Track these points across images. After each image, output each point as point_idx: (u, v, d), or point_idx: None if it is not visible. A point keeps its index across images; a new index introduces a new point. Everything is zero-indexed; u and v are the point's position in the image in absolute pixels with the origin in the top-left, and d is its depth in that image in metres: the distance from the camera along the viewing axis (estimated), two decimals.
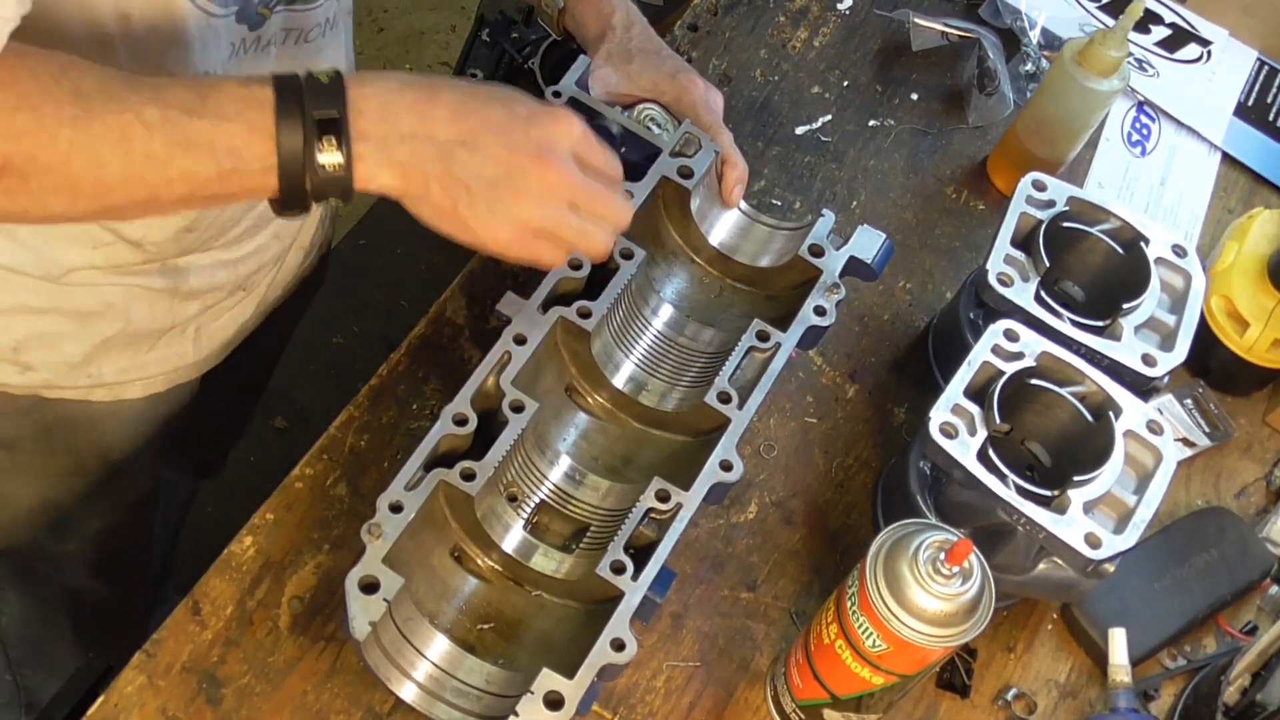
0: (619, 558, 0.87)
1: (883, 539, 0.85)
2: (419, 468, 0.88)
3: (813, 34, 1.37)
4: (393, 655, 0.84)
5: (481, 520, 0.90)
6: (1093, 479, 0.93)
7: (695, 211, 1.04)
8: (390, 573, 0.83)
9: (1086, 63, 1.18)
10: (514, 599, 0.92)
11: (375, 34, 2.59)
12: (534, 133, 0.80)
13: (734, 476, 0.91)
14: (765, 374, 0.96)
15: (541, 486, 0.94)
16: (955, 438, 0.93)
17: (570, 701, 0.81)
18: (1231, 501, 1.16)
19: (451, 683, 0.86)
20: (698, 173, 1.03)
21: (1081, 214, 1.08)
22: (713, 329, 1.04)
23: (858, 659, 0.87)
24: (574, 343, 0.97)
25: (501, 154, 0.79)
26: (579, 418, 0.99)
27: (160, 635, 0.91)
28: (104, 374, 1.03)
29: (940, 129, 1.33)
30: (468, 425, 0.90)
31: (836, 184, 1.26)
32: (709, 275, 1.07)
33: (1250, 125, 1.42)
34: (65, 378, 1.02)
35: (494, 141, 0.79)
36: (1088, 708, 1.03)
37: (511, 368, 0.92)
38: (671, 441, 0.99)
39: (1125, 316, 1.03)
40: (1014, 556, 0.97)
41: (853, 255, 1.03)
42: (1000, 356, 0.97)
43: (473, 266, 1.12)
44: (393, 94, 0.77)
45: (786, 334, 0.98)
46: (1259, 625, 1.09)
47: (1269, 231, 1.21)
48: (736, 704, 0.98)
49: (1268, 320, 1.16)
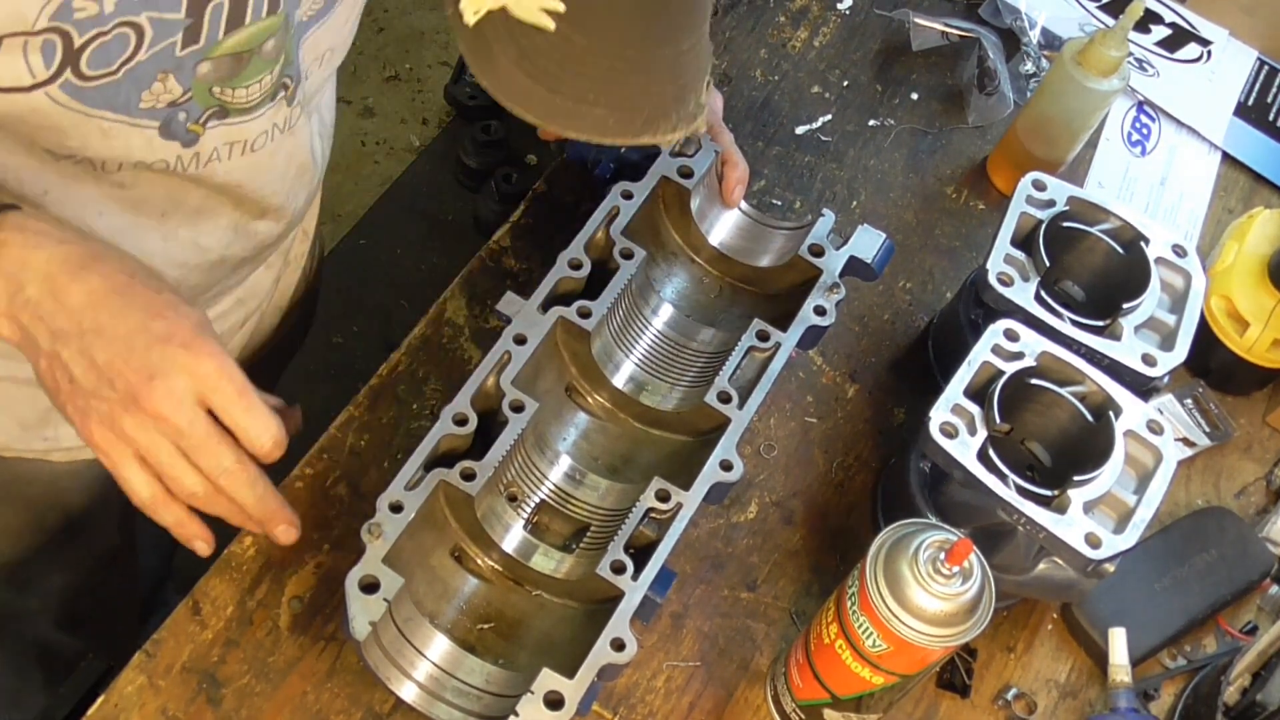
0: (619, 558, 0.87)
1: (883, 539, 0.85)
2: (419, 468, 0.88)
3: (813, 34, 1.37)
4: (393, 655, 0.84)
5: (481, 520, 0.90)
6: (1093, 479, 0.93)
7: (695, 211, 1.04)
8: (390, 573, 0.84)
9: (1086, 62, 1.18)
10: (514, 599, 0.92)
11: (375, 34, 2.59)
12: (155, 356, 0.73)
13: (734, 476, 0.91)
14: (765, 374, 0.97)
15: (541, 486, 0.94)
16: (955, 438, 0.93)
17: (570, 701, 0.81)
18: (1231, 501, 1.16)
19: (451, 682, 0.86)
20: (698, 173, 1.03)
21: (1081, 214, 1.08)
22: (712, 329, 1.04)
23: (858, 659, 0.86)
24: (574, 342, 0.97)
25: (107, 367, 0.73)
26: (579, 417, 0.99)
27: (160, 635, 0.91)
28: (60, 438, 1.00)
29: (940, 129, 1.33)
30: (468, 425, 0.90)
31: (836, 184, 1.26)
32: (709, 275, 1.07)
33: (1250, 125, 1.42)
34: (19, 440, 0.99)
35: (108, 351, 0.73)
36: (1088, 708, 1.03)
37: (511, 368, 0.92)
38: (671, 441, 0.99)
39: (1125, 316, 1.03)
40: (1014, 556, 0.97)
41: (853, 255, 1.03)
42: (1000, 356, 0.97)
43: (473, 267, 1.12)
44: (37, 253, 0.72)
45: (786, 334, 0.98)
46: (1259, 625, 1.08)
47: (1269, 231, 1.21)
48: (736, 704, 0.98)
49: (1268, 320, 1.16)
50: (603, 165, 1.08)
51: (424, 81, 2.56)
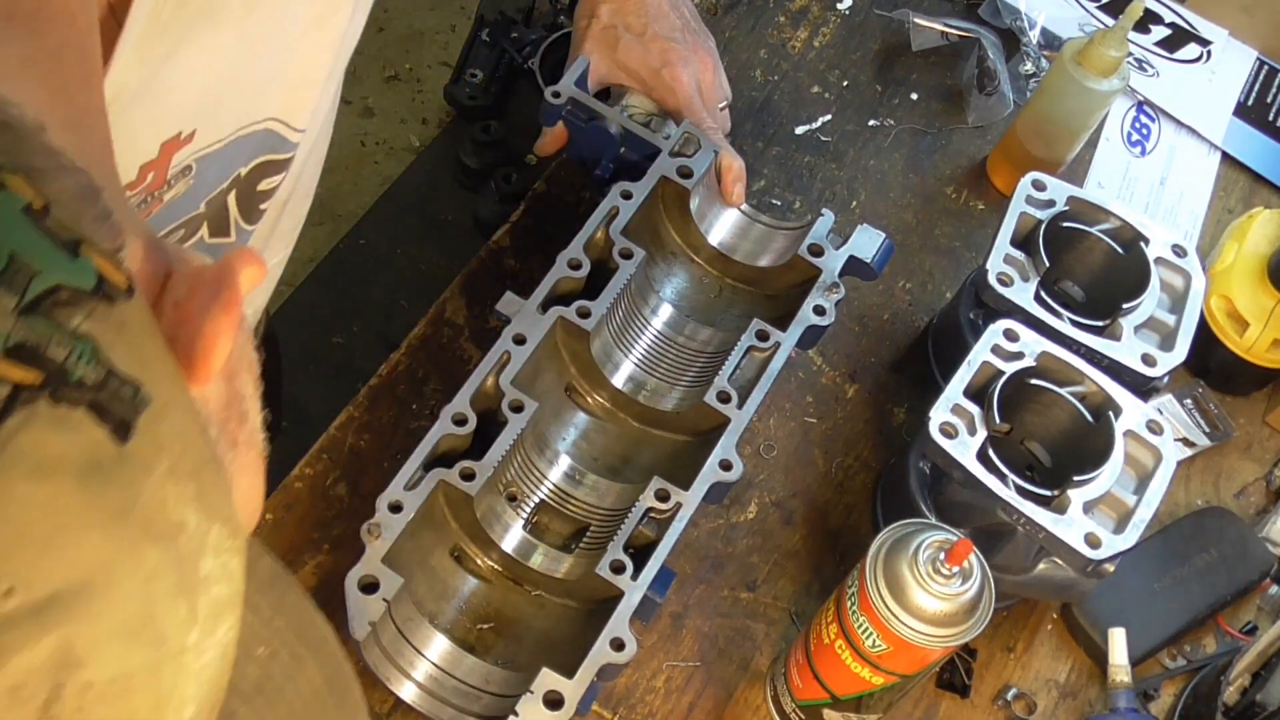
0: (619, 557, 0.87)
1: (883, 539, 0.85)
2: (418, 467, 0.88)
3: (813, 34, 1.37)
4: (392, 655, 0.84)
5: (481, 520, 0.90)
6: (1093, 479, 0.93)
7: (695, 211, 1.04)
8: (390, 573, 0.84)
9: (1086, 63, 1.18)
10: (514, 599, 0.92)
11: (375, 34, 2.59)
12: None
13: (734, 476, 0.91)
14: (765, 373, 0.97)
15: (541, 486, 0.94)
16: (955, 438, 0.93)
17: (570, 701, 0.81)
18: (1231, 501, 1.16)
19: (451, 682, 0.86)
20: (697, 173, 1.03)
21: (1081, 214, 1.08)
22: (712, 329, 1.04)
23: (858, 659, 0.86)
24: (573, 342, 0.97)
25: None
26: (578, 417, 0.99)
27: None
28: None
29: (940, 129, 1.33)
30: (467, 425, 0.90)
31: (836, 184, 1.26)
32: (708, 275, 1.07)
33: (1250, 125, 1.42)
34: None
35: None
36: (1088, 708, 1.03)
37: (511, 368, 0.92)
38: (671, 441, 0.99)
39: (1125, 316, 1.03)
40: (1014, 556, 0.97)
41: (852, 255, 1.03)
42: (1000, 356, 0.97)
43: (472, 267, 1.12)
44: None
45: (786, 334, 0.98)
46: (1259, 625, 1.08)
47: (1269, 231, 1.21)
48: (736, 704, 0.98)
49: (1268, 320, 1.16)
50: (603, 165, 1.08)
51: (424, 81, 2.56)
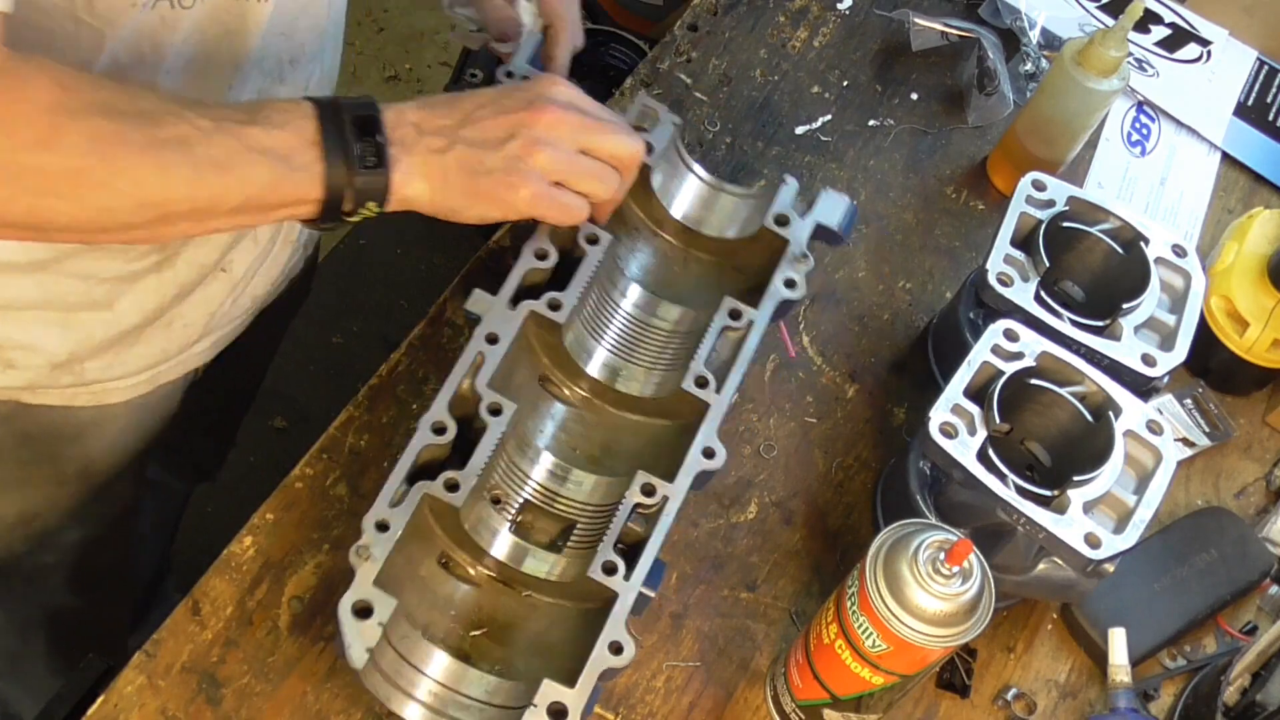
0: (610, 558, 0.86)
1: (883, 539, 0.85)
2: (402, 482, 0.86)
3: (813, 34, 1.37)
4: (392, 677, 0.82)
5: (468, 528, 0.89)
6: (1093, 479, 0.93)
7: (658, 188, 1.02)
8: (383, 595, 0.82)
9: (1086, 63, 1.18)
10: (505, 601, 0.91)
11: (375, 34, 2.59)
12: (523, 94, 0.88)
13: (717, 464, 0.90)
14: (740, 353, 0.95)
15: (525, 486, 0.92)
16: (955, 438, 0.93)
17: (574, 710, 0.80)
18: (1231, 501, 1.16)
19: (453, 698, 0.84)
20: (658, 147, 1.01)
21: (1081, 214, 1.08)
22: (683, 307, 1.02)
23: (858, 659, 0.86)
24: (546, 335, 0.95)
25: (500, 117, 0.86)
26: (556, 409, 0.97)
27: (160, 635, 0.91)
28: (87, 371, 1.01)
29: (940, 129, 1.33)
30: (447, 434, 0.88)
31: (836, 184, 1.26)
32: (673, 248, 1.05)
33: (1250, 125, 1.42)
34: (48, 378, 1.00)
35: (490, 111, 0.87)
36: (1088, 708, 1.03)
37: (486, 369, 0.90)
38: (651, 427, 0.97)
39: (1125, 316, 1.03)
40: (1014, 556, 0.97)
41: (819, 223, 1.01)
42: (1000, 356, 0.97)
43: (472, 267, 1.12)
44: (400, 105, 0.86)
45: (759, 310, 0.96)
46: (1259, 625, 1.09)
47: (1269, 231, 1.21)
48: (736, 704, 0.98)
49: (1268, 320, 1.16)
50: None
51: (424, 81, 2.56)
